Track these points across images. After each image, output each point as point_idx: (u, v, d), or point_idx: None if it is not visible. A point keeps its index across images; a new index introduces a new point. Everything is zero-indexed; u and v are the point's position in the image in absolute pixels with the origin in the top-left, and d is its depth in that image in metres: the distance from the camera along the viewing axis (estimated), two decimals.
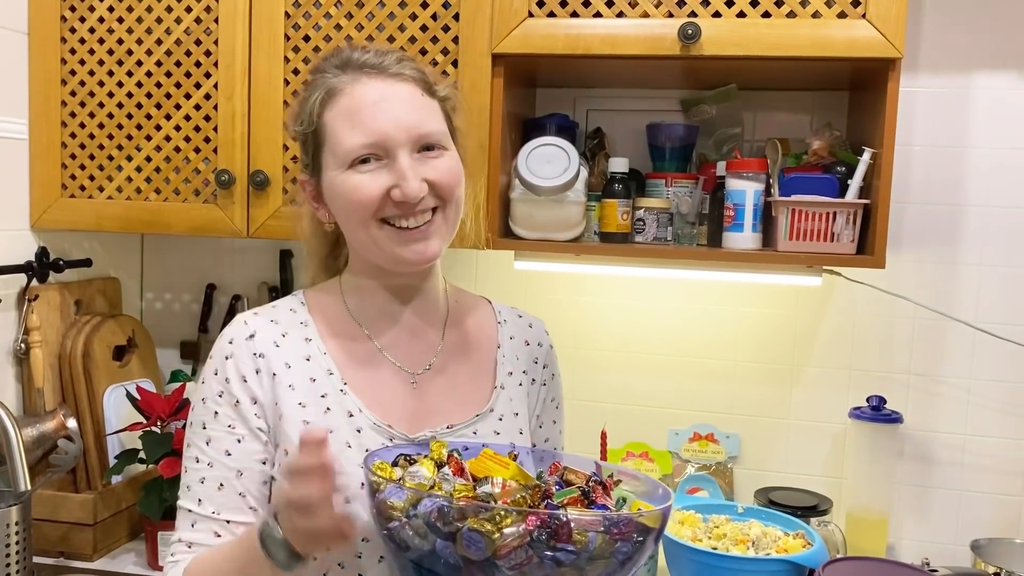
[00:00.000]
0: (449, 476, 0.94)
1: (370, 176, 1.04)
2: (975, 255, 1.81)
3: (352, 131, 1.04)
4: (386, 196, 1.04)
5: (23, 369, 1.78)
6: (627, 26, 1.54)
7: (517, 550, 0.83)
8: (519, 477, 0.95)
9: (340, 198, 1.07)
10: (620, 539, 0.87)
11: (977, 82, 1.78)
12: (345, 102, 1.05)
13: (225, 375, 1.08)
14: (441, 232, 1.09)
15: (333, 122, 1.06)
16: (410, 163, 1.04)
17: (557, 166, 1.60)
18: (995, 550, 1.68)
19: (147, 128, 1.74)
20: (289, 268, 2.07)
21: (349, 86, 1.06)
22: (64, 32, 1.76)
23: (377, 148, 1.04)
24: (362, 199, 1.04)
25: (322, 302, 1.17)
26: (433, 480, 0.93)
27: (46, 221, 1.80)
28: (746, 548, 1.54)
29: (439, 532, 0.86)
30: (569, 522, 0.84)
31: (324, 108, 1.06)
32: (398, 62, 1.08)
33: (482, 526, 0.83)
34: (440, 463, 0.98)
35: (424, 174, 1.05)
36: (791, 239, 1.58)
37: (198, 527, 1.07)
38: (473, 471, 0.96)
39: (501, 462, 0.96)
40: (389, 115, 1.04)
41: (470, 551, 0.84)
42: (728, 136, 1.81)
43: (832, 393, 1.88)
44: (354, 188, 1.04)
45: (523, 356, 1.24)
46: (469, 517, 0.84)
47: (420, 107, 1.07)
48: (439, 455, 1.00)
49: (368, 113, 1.04)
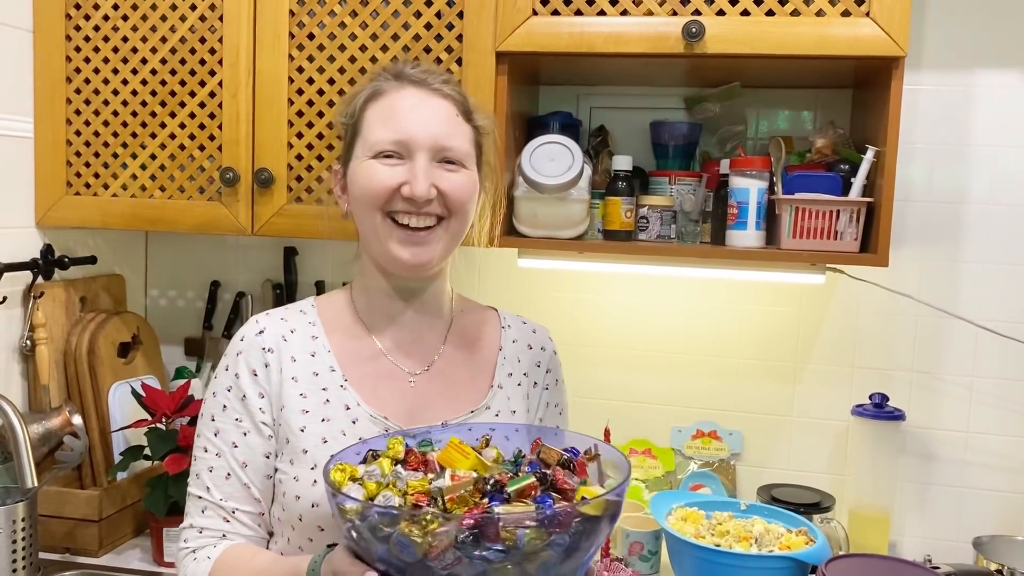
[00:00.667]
0: (402, 474, 0.95)
1: (388, 169, 1.12)
2: (978, 253, 1.81)
3: (384, 127, 1.13)
4: (396, 190, 1.11)
5: (29, 366, 1.79)
6: (631, 24, 1.54)
7: (446, 552, 0.84)
8: (478, 467, 0.96)
9: (358, 184, 1.14)
10: (557, 532, 0.86)
11: (981, 80, 1.78)
12: (386, 102, 1.15)
13: (236, 370, 1.15)
14: (442, 241, 1.15)
15: (371, 117, 1.15)
16: (425, 166, 1.11)
17: (561, 164, 1.60)
18: (997, 547, 1.68)
19: (152, 125, 1.75)
20: (293, 265, 2.07)
21: (393, 91, 1.16)
22: (69, 30, 1.76)
23: (400, 147, 1.12)
24: (375, 186, 1.12)
25: (331, 305, 1.24)
26: (388, 479, 0.95)
27: (51, 218, 1.80)
28: (749, 545, 1.54)
29: (377, 537, 0.87)
30: (497, 521, 0.84)
31: (367, 104, 1.16)
32: (443, 82, 1.18)
33: (410, 531, 0.84)
34: (397, 460, 0.99)
35: (437, 180, 1.12)
36: (794, 237, 1.58)
37: (208, 513, 1.14)
38: (440, 461, 0.97)
39: (463, 452, 0.97)
40: (419, 120, 1.13)
41: (403, 555, 0.86)
42: (732, 134, 1.81)
43: (835, 390, 1.88)
44: (371, 175, 1.12)
45: (525, 359, 1.27)
46: (400, 522, 0.85)
47: (450, 123, 1.15)
48: (396, 452, 1.00)
49: (402, 115, 1.13)
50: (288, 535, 1.14)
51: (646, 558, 1.69)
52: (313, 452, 1.11)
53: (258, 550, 1.14)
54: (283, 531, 1.15)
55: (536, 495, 0.91)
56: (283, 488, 1.13)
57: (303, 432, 1.12)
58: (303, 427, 1.12)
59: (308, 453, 1.11)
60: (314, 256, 2.08)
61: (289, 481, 1.12)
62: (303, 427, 1.12)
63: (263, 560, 1.10)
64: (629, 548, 1.70)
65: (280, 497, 1.13)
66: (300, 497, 1.10)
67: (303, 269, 2.08)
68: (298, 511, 1.11)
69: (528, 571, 0.86)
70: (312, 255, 2.08)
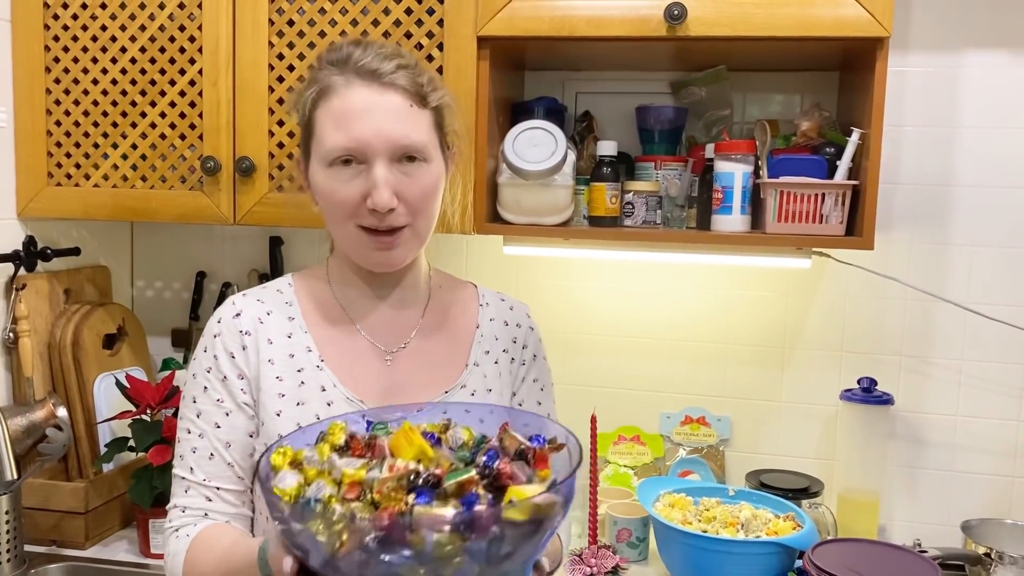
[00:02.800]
0: (337, 462, 0.87)
1: (347, 181, 1.09)
2: (966, 236, 1.80)
3: (336, 132, 1.08)
4: (361, 202, 1.09)
5: (12, 358, 1.78)
6: (612, 7, 1.53)
7: (353, 552, 0.78)
8: (422, 456, 0.86)
9: (321, 194, 1.13)
10: (473, 538, 0.78)
11: (967, 61, 1.77)
12: (336, 103, 1.09)
13: (214, 352, 1.16)
14: (409, 243, 1.13)
15: (322, 119, 1.10)
16: (384, 174, 1.08)
17: (544, 150, 1.59)
18: (986, 530, 1.68)
19: (132, 115, 1.73)
20: (279, 255, 2.06)
21: (342, 88, 1.09)
22: (47, 19, 1.74)
23: (356, 153, 1.08)
24: (340, 201, 1.09)
25: (308, 284, 1.23)
26: (324, 466, 0.88)
27: (32, 210, 1.79)
28: (736, 531, 1.54)
29: (292, 531, 0.82)
30: (404, 526, 0.77)
31: (316, 105, 1.11)
32: (395, 70, 1.10)
33: (317, 530, 0.79)
34: (336, 447, 0.92)
35: (398, 187, 1.09)
36: (780, 221, 1.57)
37: (191, 493, 1.15)
38: (391, 447, 0.89)
39: (409, 439, 0.88)
40: (372, 124, 1.07)
41: (313, 551, 0.81)
42: (717, 118, 1.80)
43: (823, 375, 1.88)
44: (333, 190, 1.10)
45: (502, 336, 1.26)
46: (309, 520, 0.80)
47: (406, 118, 1.10)
48: (336, 439, 0.93)
49: (353, 118, 1.08)
50: (267, 513, 1.13)
51: (634, 545, 1.69)
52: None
53: (229, 528, 1.13)
54: (263, 509, 1.15)
55: (476, 490, 0.82)
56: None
57: (279, 416, 1.12)
58: (279, 411, 1.12)
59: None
60: (300, 246, 2.07)
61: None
62: (279, 411, 1.12)
63: (228, 540, 1.10)
64: (617, 535, 1.69)
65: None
66: None
67: (289, 259, 2.07)
68: None
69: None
70: (298, 245, 2.07)
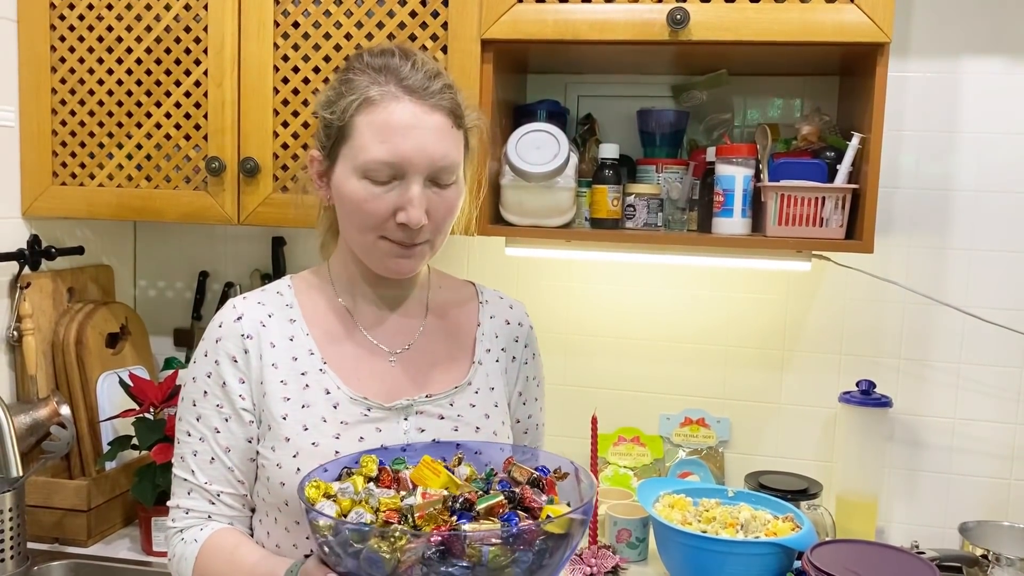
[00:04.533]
0: (375, 491, 0.97)
1: (380, 194, 1.08)
2: (965, 240, 1.81)
3: (379, 145, 1.07)
4: (391, 216, 1.09)
5: (16, 356, 1.79)
6: (615, 11, 1.54)
7: (413, 568, 0.86)
8: (449, 485, 0.98)
9: (348, 201, 1.11)
10: (521, 549, 0.89)
11: (967, 67, 1.78)
12: (380, 115, 1.08)
13: (215, 357, 1.15)
14: (424, 256, 1.15)
15: (363, 128, 1.08)
16: (419, 192, 1.08)
17: (547, 152, 1.60)
18: (983, 533, 1.69)
19: (137, 115, 1.74)
20: (282, 255, 2.07)
21: (388, 101, 1.08)
22: (53, 19, 1.76)
23: (396, 168, 1.08)
24: (370, 212, 1.09)
25: (309, 285, 1.23)
26: (360, 496, 0.97)
27: (37, 209, 1.80)
28: (735, 531, 1.55)
29: (348, 553, 0.90)
30: (462, 538, 0.87)
31: (359, 112, 1.09)
32: (442, 91, 1.10)
33: (379, 547, 0.87)
34: (370, 477, 1.02)
35: (428, 205, 1.09)
36: (780, 224, 1.58)
37: (193, 495, 1.16)
38: (412, 479, 1.00)
39: (435, 470, 0.99)
40: (417, 142, 1.07)
41: (372, 570, 0.88)
42: (719, 122, 1.81)
43: (822, 377, 1.89)
44: (364, 200, 1.09)
45: (502, 335, 1.28)
46: (370, 539, 0.88)
47: (447, 139, 1.10)
48: (369, 470, 1.03)
49: (398, 134, 1.07)
50: (275, 516, 1.14)
51: (633, 545, 1.70)
52: (295, 440, 1.11)
53: (241, 539, 1.15)
54: (269, 512, 1.15)
55: (504, 512, 0.93)
56: (267, 473, 1.13)
57: (285, 420, 1.12)
58: (284, 415, 1.12)
59: (290, 441, 1.12)
60: (302, 246, 2.08)
61: (272, 467, 1.12)
62: (284, 415, 1.12)
63: (244, 556, 1.11)
64: (617, 535, 1.70)
65: (265, 481, 1.14)
66: (285, 484, 1.11)
67: (291, 259, 2.08)
68: (283, 497, 1.11)
69: None
70: (300, 245, 2.08)
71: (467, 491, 0.97)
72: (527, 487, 0.99)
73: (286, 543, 1.14)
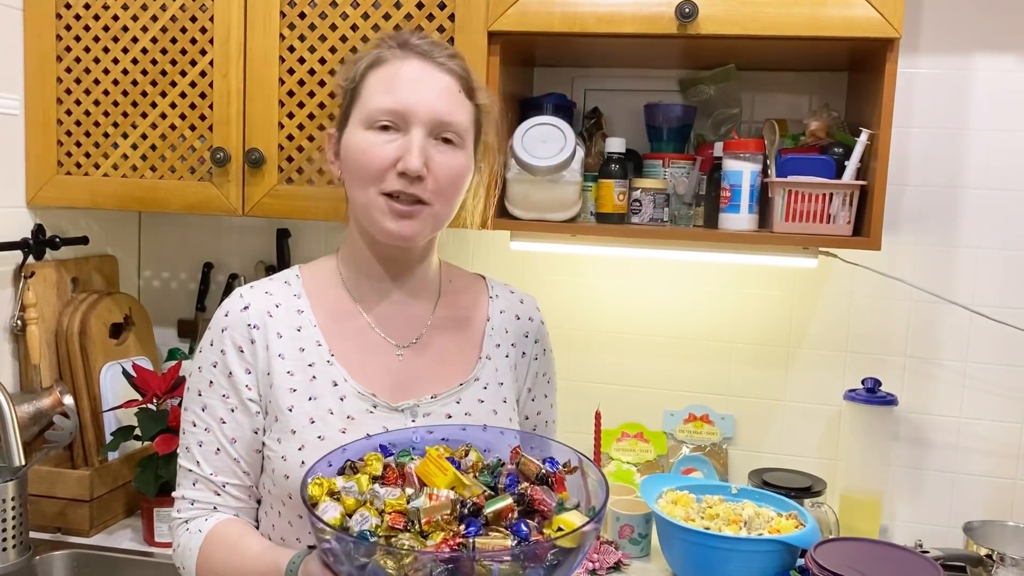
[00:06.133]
0: (380, 492, 0.95)
1: (382, 144, 1.09)
2: (973, 238, 1.80)
3: (383, 95, 1.10)
4: (391, 166, 1.09)
5: (20, 346, 1.79)
6: (624, 4, 1.53)
7: None
8: (456, 483, 0.95)
9: (352, 154, 1.12)
10: (531, 566, 0.87)
11: (978, 64, 1.77)
12: (388, 71, 1.12)
13: (221, 346, 1.14)
14: (425, 222, 1.12)
15: (371, 84, 1.12)
16: (421, 141, 1.09)
17: (553, 146, 1.60)
18: (987, 532, 1.68)
19: (143, 105, 1.74)
20: (286, 247, 2.07)
21: (397, 60, 1.13)
22: (59, 8, 1.75)
23: (397, 117, 1.09)
24: (371, 160, 1.09)
25: (317, 276, 1.22)
26: (365, 496, 0.95)
27: (42, 198, 1.80)
28: (738, 528, 1.55)
29: (352, 564, 0.88)
30: (471, 559, 0.84)
31: (368, 71, 1.13)
32: (448, 57, 1.14)
33: (385, 564, 0.85)
34: (375, 477, 1.00)
35: (429, 160, 1.09)
36: (787, 220, 1.58)
37: (198, 486, 1.15)
38: (418, 474, 0.97)
39: (441, 467, 0.96)
40: (419, 93, 1.10)
41: None
42: (726, 117, 1.80)
43: (827, 375, 1.88)
44: (366, 149, 1.10)
45: (513, 330, 1.27)
46: (376, 555, 0.86)
47: (451, 98, 1.12)
48: (374, 469, 1.01)
49: (403, 85, 1.10)
50: (280, 508, 1.14)
51: (636, 541, 1.70)
52: (301, 433, 1.11)
53: (245, 529, 1.15)
54: (273, 503, 1.15)
55: (513, 517, 0.91)
56: (272, 465, 1.13)
57: (291, 412, 1.12)
58: (291, 406, 1.12)
59: (296, 434, 1.11)
60: (307, 238, 2.08)
61: (277, 459, 1.12)
62: (291, 406, 1.12)
63: (248, 546, 1.10)
64: (619, 531, 1.70)
65: (270, 472, 1.14)
66: (289, 476, 1.10)
67: (296, 251, 2.08)
68: (288, 489, 1.11)
69: None
70: (305, 237, 2.08)
71: (474, 490, 0.94)
72: (535, 486, 0.96)
73: (290, 536, 1.14)
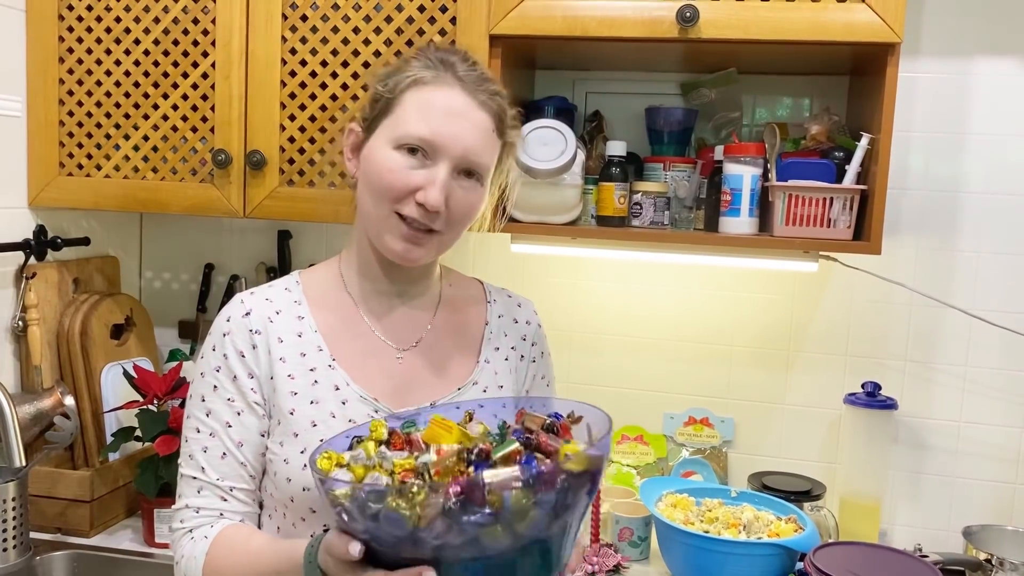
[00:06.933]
0: (387, 454, 0.95)
1: (407, 168, 1.08)
2: (973, 242, 1.80)
3: (419, 120, 1.08)
4: (411, 193, 1.08)
5: (21, 346, 1.79)
6: (625, 8, 1.53)
7: (435, 521, 0.85)
8: (462, 439, 0.96)
9: (374, 168, 1.11)
10: (543, 491, 0.87)
11: (978, 68, 1.77)
12: (431, 94, 1.10)
13: (223, 351, 1.14)
14: (431, 249, 1.13)
15: (409, 103, 1.10)
16: (444, 177, 1.08)
17: (554, 149, 1.60)
18: (987, 536, 1.69)
19: (144, 107, 1.74)
20: (287, 249, 2.07)
21: (441, 84, 1.10)
22: (62, 9, 1.75)
23: (429, 147, 1.08)
24: (393, 182, 1.08)
25: (317, 280, 1.22)
26: (373, 460, 0.95)
27: (44, 199, 1.80)
28: (738, 532, 1.55)
29: (367, 516, 0.88)
30: (482, 485, 0.85)
31: (409, 88, 1.11)
32: (490, 96, 1.12)
33: (398, 505, 0.85)
34: (380, 441, 1.00)
35: (449, 194, 1.09)
36: (787, 224, 1.58)
37: (204, 493, 1.13)
38: (425, 439, 0.98)
39: (446, 427, 0.97)
40: (457, 128, 1.09)
41: (393, 529, 0.86)
42: (727, 120, 1.80)
43: (827, 379, 1.88)
44: (391, 169, 1.09)
45: (511, 333, 1.27)
46: (388, 497, 0.86)
47: (486, 139, 1.11)
48: (379, 435, 1.01)
49: (442, 115, 1.09)
50: (283, 511, 1.14)
51: (635, 544, 1.70)
52: (303, 436, 1.11)
53: (254, 530, 1.14)
54: (276, 507, 1.15)
55: (521, 459, 0.91)
56: (274, 468, 1.13)
57: (292, 415, 1.12)
58: (292, 410, 1.12)
59: (299, 437, 1.11)
60: (308, 240, 2.08)
61: (279, 463, 1.12)
62: (292, 410, 1.12)
63: (259, 542, 1.10)
64: (619, 534, 1.70)
65: (272, 476, 1.14)
66: (291, 480, 1.10)
67: (297, 253, 2.08)
68: (290, 493, 1.11)
69: (518, 532, 0.87)
70: (306, 239, 2.08)
71: (481, 443, 0.95)
72: (542, 433, 0.97)
73: (295, 537, 1.13)
